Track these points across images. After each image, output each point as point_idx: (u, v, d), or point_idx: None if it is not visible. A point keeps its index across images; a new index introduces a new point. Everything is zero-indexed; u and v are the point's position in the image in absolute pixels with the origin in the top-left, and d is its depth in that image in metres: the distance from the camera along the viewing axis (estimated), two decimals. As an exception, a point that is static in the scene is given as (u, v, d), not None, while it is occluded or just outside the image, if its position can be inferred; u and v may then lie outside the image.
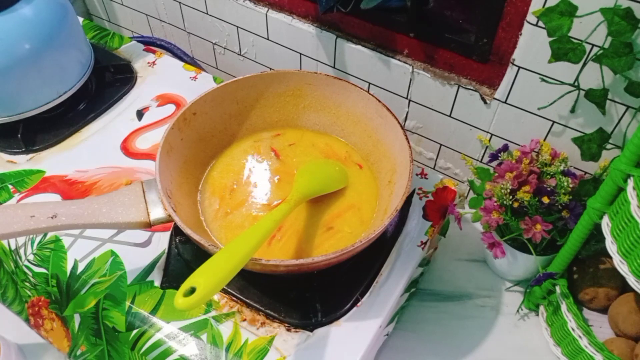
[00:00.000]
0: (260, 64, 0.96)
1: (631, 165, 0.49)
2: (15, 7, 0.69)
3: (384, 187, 0.63)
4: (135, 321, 0.57)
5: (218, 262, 0.44)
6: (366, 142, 0.67)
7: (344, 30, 0.80)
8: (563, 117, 0.66)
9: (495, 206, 0.63)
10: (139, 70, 0.86)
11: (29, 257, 0.64)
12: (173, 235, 0.63)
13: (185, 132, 0.63)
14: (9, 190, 0.69)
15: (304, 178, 0.62)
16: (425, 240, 0.63)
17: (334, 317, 0.56)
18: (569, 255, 0.62)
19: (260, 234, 0.48)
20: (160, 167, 0.56)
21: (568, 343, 0.64)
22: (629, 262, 0.51)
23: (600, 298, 0.66)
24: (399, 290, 0.59)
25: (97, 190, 0.69)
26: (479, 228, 0.79)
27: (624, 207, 0.50)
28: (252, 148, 0.69)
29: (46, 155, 0.74)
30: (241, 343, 0.55)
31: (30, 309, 0.69)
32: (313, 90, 0.68)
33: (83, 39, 0.80)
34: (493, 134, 0.74)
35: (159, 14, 1.05)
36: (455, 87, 0.73)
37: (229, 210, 0.62)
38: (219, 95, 0.65)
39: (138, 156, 0.73)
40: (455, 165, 0.84)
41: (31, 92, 0.72)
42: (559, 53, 0.57)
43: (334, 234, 0.60)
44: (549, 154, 0.66)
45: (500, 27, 0.65)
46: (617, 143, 0.63)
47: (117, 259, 0.62)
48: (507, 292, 0.75)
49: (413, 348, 0.69)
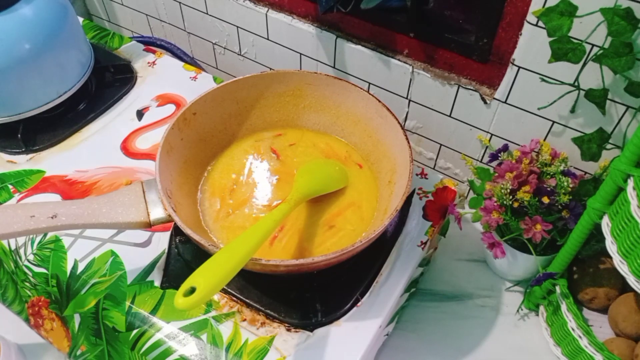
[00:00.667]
0: (260, 64, 0.96)
1: (631, 165, 0.49)
2: (15, 7, 0.69)
3: (384, 187, 0.63)
4: (135, 321, 0.57)
5: (218, 262, 0.44)
6: (366, 142, 0.67)
7: (344, 30, 0.80)
8: (563, 117, 0.66)
9: (495, 206, 0.63)
10: (139, 70, 0.86)
11: (29, 257, 0.64)
12: (173, 235, 0.63)
13: (185, 132, 0.63)
14: (9, 190, 0.69)
15: (304, 178, 0.62)
16: (425, 240, 0.63)
17: (334, 317, 0.56)
18: (569, 255, 0.62)
19: (260, 234, 0.48)
20: (160, 167, 0.56)
21: (568, 343, 0.64)
22: (629, 262, 0.51)
23: (600, 298, 0.66)
24: (399, 290, 0.59)
25: (97, 190, 0.69)
26: (479, 228, 0.79)
27: (624, 207, 0.50)
28: (252, 148, 0.69)
29: (46, 155, 0.74)
30: (241, 343, 0.55)
31: (30, 309, 0.69)
32: (313, 90, 0.68)
33: (83, 39, 0.80)
34: (493, 134, 0.74)
35: (159, 14, 1.05)
36: (455, 87, 0.73)
37: (230, 211, 0.62)
38: (219, 95, 0.65)
39: (138, 156, 0.73)
40: (455, 165, 0.84)
41: (31, 92, 0.72)
42: (559, 53, 0.57)
43: (336, 232, 0.60)
44: (549, 154, 0.66)
45: (500, 27, 0.65)
46: (617, 143, 0.63)
47: (117, 259, 0.62)
48: (507, 292, 0.75)
49: (413, 348, 0.69)
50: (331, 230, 0.60)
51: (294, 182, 0.62)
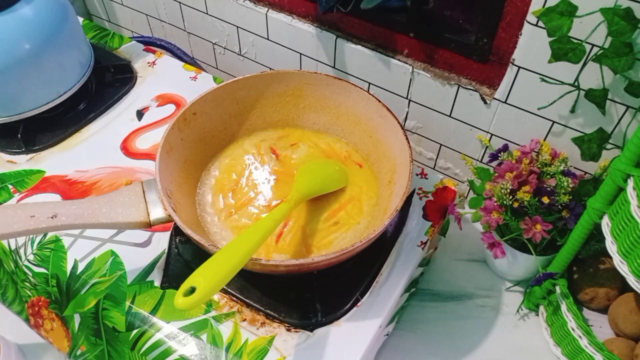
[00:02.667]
0: (260, 64, 0.96)
1: (631, 165, 0.49)
2: (15, 7, 0.69)
3: (384, 187, 0.63)
4: (135, 321, 0.58)
5: (218, 262, 0.44)
6: (366, 142, 0.67)
7: (344, 30, 0.80)
8: (563, 117, 0.66)
9: (495, 206, 0.63)
10: (139, 70, 0.86)
11: (29, 257, 0.64)
12: (173, 235, 0.63)
13: (185, 132, 0.63)
14: (9, 190, 0.69)
15: (304, 178, 0.62)
16: (425, 240, 0.63)
17: (334, 317, 0.56)
18: (569, 255, 0.62)
19: (260, 234, 0.48)
20: (160, 167, 0.56)
21: (568, 343, 0.64)
22: (629, 262, 0.51)
23: (600, 298, 0.66)
24: (399, 290, 0.59)
25: (97, 190, 0.69)
26: (479, 228, 0.79)
27: (624, 207, 0.50)
28: (252, 148, 0.69)
29: (46, 155, 0.74)
30: (241, 343, 0.55)
31: (30, 309, 0.69)
32: (313, 90, 0.68)
33: (83, 39, 0.80)
34: (493, 134, 0.74)
35: (159, 14, 1.05)
36: (455, 87, 0.73)
37: (232, 211, 0.62)
38: (219, 95, 0.65)
39: (138, 156, 0.73)
40: (455, 165, 0.84)
41: (31, 92, 0.72)
42: (559, 53, 0.57)
43: (340, 227, 0.60)
44: (549, 154, 0.66)
45: (500, 27, 0.65)
46: (617, 143, 0.63)
47: (117, 259, 0.62)
48: (507, 292, 0.75)
49: (413, 348, 0.69)
50: (335, 225, 0.61)
51: (294, 182, 0.62)
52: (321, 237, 0.60)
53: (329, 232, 0.60)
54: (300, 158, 0.68)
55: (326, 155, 0.68)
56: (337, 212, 0.62)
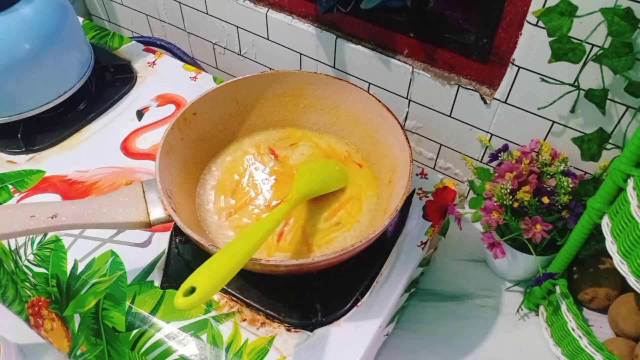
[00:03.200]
0: (260, 64, 0.96)
1: (631, 165, 0.49)
2: (15, 7, 0.69)
3: (384, 187, 0.63)
4: (135, 321, 0.57)
5: (218, 262, 0.44)
6: (366, 142, 0.67)
7: (344, 30, 0.80)
8: (563, 117, 0.66)
9: (495, 206, 0.63)
10: (139, 70, 0.86)
11: (29, 257, 0.64)
12: (173, 235, 0.63)
13: (185, 132, 0.63)
14: (9, 190, 0.69)
15: (304, 178, 0.62)
16: (425, 240, 0.63)
17: (334, 317, 0.56)
18: (569, 255, 0.62)
19: (260, 234, 0.48)
20: (160, 167, 0.56)
21: (568, 343, 0.64)
22: (629, 262, 0.51)
23: (600, 298, 0.66)
24: (399, 290, 0.59)
25: (97, 190, 0.69)
26: (479, 228, 0.79)
27: (624, 207, 0.50)
28: (252, 148, 0.69)
29: (46, 155, 0.74)
30: (241, 343, 0.55)
31: (30, 309, 0.69)
32: (313, 90, 0.68)
33: (83, 39, 0.80)
34: (493, 134, 0.74)
35: (159, 14, 1.05)
36: (455, 87, 0.73)
37: (233, 211, 0.62)
38: (219, 95, 0.65)
39: (138, 156, 0.73)
40: (455, 165, 0.84)
41: (31, 92, 0.72)
42: (559, 53, 0.57)
43: (341, 227, 0.60)
44: (549, 154, 0.66)
45: (500, 27, 0.65)
46: (617, 143, 0.63)
47: (117, 259, 0.62)
48: (507, 292, 0.75)
49: (413, 348, 0.69)
50: (336, 225, 0.61)
51: (294, 182, 0.62)
52: (322, 236, 0.60)
53: (329, 231, 0.60)
54: (300, 158, 0.68)
55: (326, 155, 0.68)
56: (337, 211, 0.62)
